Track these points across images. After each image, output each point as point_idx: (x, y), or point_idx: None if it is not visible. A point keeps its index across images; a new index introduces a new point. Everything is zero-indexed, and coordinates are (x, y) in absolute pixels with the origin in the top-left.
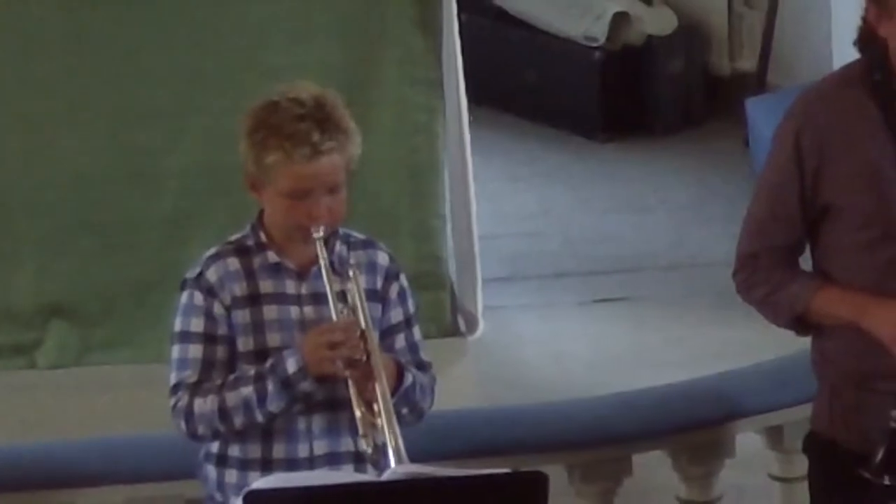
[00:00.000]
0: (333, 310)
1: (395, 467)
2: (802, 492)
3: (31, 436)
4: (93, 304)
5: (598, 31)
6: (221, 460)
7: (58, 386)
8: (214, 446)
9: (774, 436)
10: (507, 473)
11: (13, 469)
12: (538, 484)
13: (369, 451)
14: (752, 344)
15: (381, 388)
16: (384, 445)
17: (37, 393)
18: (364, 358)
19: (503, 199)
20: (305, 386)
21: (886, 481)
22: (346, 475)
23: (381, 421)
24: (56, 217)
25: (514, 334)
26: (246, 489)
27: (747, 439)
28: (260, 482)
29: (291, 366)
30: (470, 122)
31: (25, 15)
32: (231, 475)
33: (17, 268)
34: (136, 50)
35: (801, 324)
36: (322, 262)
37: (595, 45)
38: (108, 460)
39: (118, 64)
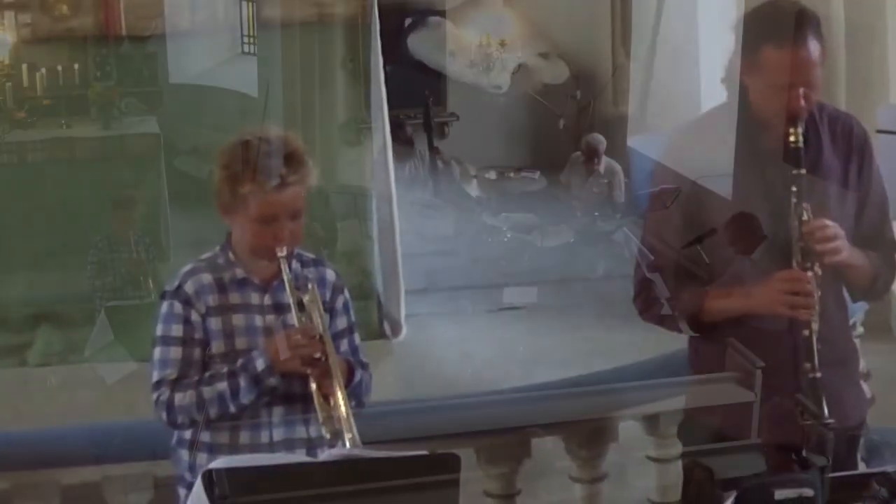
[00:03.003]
0: (295, 317)
1: (332, 450)
2: (676, 470)
3: (21, 424)
4: (75, 312)
5: (503, 80)
6: (193, 445)
7: (45, 381)
8: (187, 433)
9: (652, 423)
10: (425, 455)
11: (4, 452)
12: (452, 464)
13: (328, 436)
14: (632, 345)
15: (338, 384)
16: (341, 431)
17: (27, 387)
18: (322, 358)
19: (422, 224)
20: (272, 382)
21: (829, 421)
22: (295, 457)
23: (338, 412)
24: (44, 239)
25: (431, 337)
26: (203, 468)
27: (628, 426)
28: (217, 462)
29: (260, 364)
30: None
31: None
32: (201, 458)
33: (11, 281)
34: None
35: (698, 325)
36: (286, 277)
37: (500, 92)
38: (88, 444)
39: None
